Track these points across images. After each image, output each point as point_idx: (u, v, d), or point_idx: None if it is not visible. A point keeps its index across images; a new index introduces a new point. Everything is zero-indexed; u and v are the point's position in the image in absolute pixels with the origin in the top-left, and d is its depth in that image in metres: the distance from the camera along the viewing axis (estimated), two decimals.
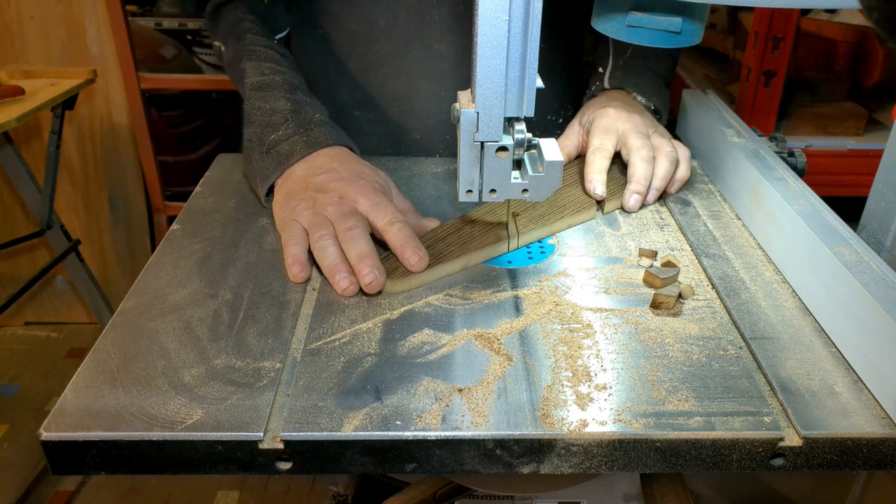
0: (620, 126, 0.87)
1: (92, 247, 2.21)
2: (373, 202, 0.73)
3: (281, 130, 0.80)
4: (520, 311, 0.66)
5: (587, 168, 0.84)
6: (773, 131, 1.71)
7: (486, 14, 0.55)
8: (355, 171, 0.77)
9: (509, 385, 0.57)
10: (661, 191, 0.86)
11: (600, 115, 0.89)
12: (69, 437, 0.51)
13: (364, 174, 0.77)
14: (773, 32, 1.58)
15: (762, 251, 0.76)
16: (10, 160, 1.80)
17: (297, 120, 0.82)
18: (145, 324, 0.63)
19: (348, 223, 0.70)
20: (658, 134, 0.88)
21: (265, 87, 0.85)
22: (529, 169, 0.63)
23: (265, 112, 0.83)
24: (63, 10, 1.92)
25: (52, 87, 1.63)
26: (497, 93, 0.58)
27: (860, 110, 1.75)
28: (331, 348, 0.61)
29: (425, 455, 0.53)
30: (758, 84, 1.64)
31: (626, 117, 0.87)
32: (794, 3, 0.73)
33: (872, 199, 0.76)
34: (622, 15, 0.71)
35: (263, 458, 0.52)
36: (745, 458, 0.53)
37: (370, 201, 0.73)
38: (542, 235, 0.80)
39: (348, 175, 0.76)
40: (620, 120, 0.87)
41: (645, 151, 0.84)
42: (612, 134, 0.86)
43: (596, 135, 0.87)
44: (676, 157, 0.86)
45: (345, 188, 0.74)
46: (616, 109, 0.88)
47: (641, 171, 0.83)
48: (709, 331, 0.64)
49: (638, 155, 0.84)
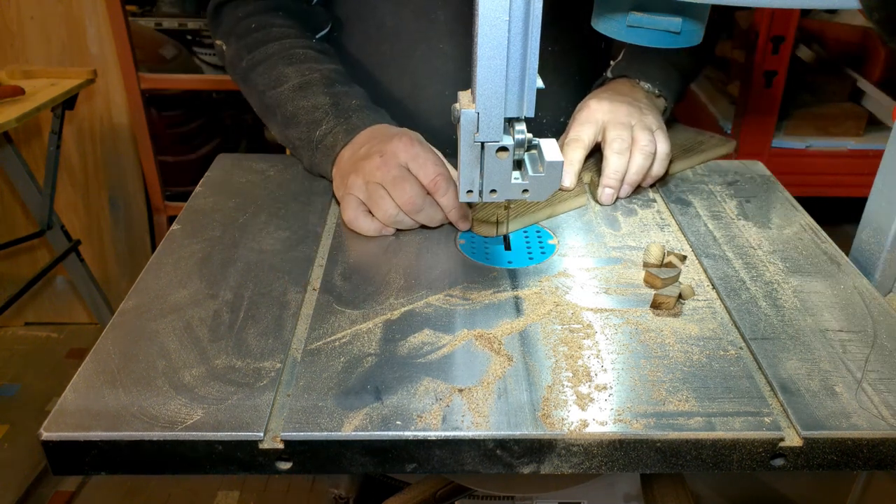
0: (601, 117, 0.87)
1: (92, 247, 2.21)
2: (411, 154, 0.77)
3: (324, 125, 0.86)
4: (520, 312, 0.66)
5: None
6: (773, 131, 1.71)
7: (487, 14, 0.55)
8: (391, 132, 0.81)
9: (510, 385, 0.57)
10: (634, 185, 0.86)
11: (581, 108, 0.90)
12: (69, 438, 0.51)
13: (402, 132, 0.81)
14: (774, 33, 1.58)
15: (762, 251, 0.76)
16: (10, 160, 1.80)
17: (337, 112, 0.86)
18: (146, 324, 0.63)
19: (393, 174, 0.76)
20: (641, 126, 0.86)
21: (307, 87, 0.88)
22: (530, 169, 0.63)
23: (308, 110, 0.87)
24: (63, 10, 1.92)
25: (52, 88, 1.63)
26: (497, 93, 0.58)
27: (860, 111, 1.76)
28: (331, 348, 0.61)
29: (425, 455, 0.53)
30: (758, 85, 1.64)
31: (609, 108, 0.87)
32: (795, 3, 0.73)
33: (873, 199, 0.76)
34: (622, 15, 0.71)
35: (264, 458, 0.52)
36: (745, 459, 0.53)
37: (409, 154, 0.77)
38: (532, 222, 0.82)
39: (386, 138, 0.80)
40: (601, 111, 0.87)
41: (618, 143, 0.84)
42: (591, 125, 0.87)
43: (573, 127, 0.88)
44: (654, 150, 0.85)
45: (383, 147, 0.78)
46: (599, 101, 0.88)
47: (613, 165, 0.84)
48: (709, 331, 0.64)
49: (611, 148, 0.84)
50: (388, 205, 0.76)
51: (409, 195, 0.75)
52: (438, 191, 0.76)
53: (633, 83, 0.94)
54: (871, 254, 0.76)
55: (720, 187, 0.91)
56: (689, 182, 0.92)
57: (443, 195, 0.77)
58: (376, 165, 0.77)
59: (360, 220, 0.78)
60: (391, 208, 0.76)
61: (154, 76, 2.03)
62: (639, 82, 0.94)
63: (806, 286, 0.70)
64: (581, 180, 0.88)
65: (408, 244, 0.77)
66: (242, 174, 0.91)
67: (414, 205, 0.76)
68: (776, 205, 0.87)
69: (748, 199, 0.88)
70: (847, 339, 0.63)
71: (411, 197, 0.75)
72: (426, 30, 0.96)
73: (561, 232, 0.81)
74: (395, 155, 0.77)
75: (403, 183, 0.75)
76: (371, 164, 0.77)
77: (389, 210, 0.76)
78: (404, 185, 0.75)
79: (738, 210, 0.85)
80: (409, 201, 0.75)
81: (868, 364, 0.59)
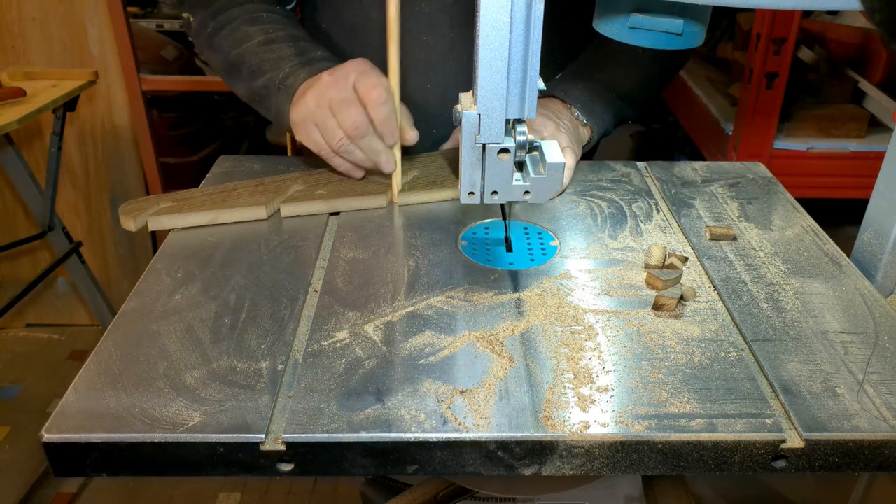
0: None
1: (93, 248, 2.21)
2: (360, 70, 0.79)
3: (287, 69, 0.87)
4: (522, 313, 0.66)
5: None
6: (774, 133, 1.71)
7: (488, 16, 0.55)
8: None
9: (511, 387, 0.57)
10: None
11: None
12: (71, 439, 0.52)
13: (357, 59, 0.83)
14: (775, 34, 1.58)
15: (763, 253, 0.76)
16: (11, 162, 1.80)
17: (301, 59, 0.88)
18: (147, 326, 0.63)
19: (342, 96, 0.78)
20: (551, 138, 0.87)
21: (271, 42, 0.90)
22: (531, 171, 0.63)
23: (273, 61, 0.89)
24: (64, 11, 1.92)
25: (53, 89, 1.63)
26: (499, 95, 0.58)
27: (862, 112, 1.75)
28: (332, 350, 0.61)
29: (427, 457, 0.53)
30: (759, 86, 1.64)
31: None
32: (796, 4, 0.73)
33: (874, 200, 0.76)
34: (624, 17, 0.71)
35: (265, 459, 0.52)
36: (747, 460, 0.53)
37: (358, 70, 0.79)
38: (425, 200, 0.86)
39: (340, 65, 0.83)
40: None
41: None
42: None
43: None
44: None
45: (335, 68, 0.81)
46: None
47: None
48: (710, 333, 0.64)
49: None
50: (333, 128, 0.79)
51: (353, 120, 0.78)
52: (375, 102, 0.78)
53: (566, 106, 0.94)
54: (873, 255, 0.76)
55: (722, 189, 0.91)
56: (690, 184, 0.92)
57: (378, 106, 0.78)
58: (326, 84, 0.80)
59: (311, 134, 0.81)
60: (337, 132, 0.79)
61: (155, 78, 2.04)
62: (570, 107, 0.94)
63: (807, 288, 0.70)
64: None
65: (409, 245, 0.77)
66: (243, 176, 0.91)
67: (357, 130, 0.78)
68: (777, 206, 0.87)
69: (750, 201, 0.88)
70: (849, 341, 0.63)
71: (355, 122, 0.78)
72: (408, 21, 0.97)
73: (563, 233, 0.81)
74: (345, 73, 0.79)
75: (350, 107, 0.78)
76: (322, 82, 0.80)
77: (336, 133, 0.79)
78: (350, 109, 0.78)
79: (739, 212, 0.85)
80: (353, 126, 0.78)
81: (870, 366, 0.59)
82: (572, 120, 0.93)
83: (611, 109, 0.97)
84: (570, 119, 0.93)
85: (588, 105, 0.94)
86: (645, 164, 0.98)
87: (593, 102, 0.95)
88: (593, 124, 0.94)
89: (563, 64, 1.04)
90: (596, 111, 0.95)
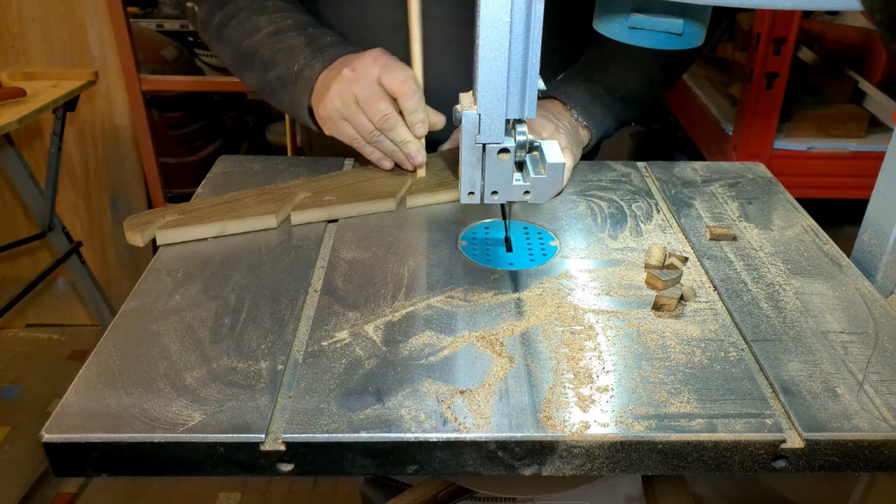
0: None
1: (93, 248, 2.21)
2: (381, 64, 0.80)
3: (301, 60, 0.88)
4: (522, 313, 0.66)
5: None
6: (774, 133, 1.71)
7: (488, 16, 0.55)
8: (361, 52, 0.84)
9: (511, 387, 0.57)
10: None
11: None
12: (71, 439, 0.52)
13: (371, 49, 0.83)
14: (775, 34, 1.58)
15: (763, 253, 0.76)
16: (11, 162, 1.80)
17: (313, 49, 0.89)
18: (147, 326, 0.63)
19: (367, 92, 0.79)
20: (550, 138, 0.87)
21: (280, 32, 0.91)
22: (531, 171, 0.63)
23: (285, 52, 0.90)
24: (64, 11, 1.92)
25: (53, 89, 1.63)
26: (499, 95, 0.58)
27: (862, 112, 1.75)
28: (332, 350, 0.61)
29: (427, 457, 0.53)
30: (759, 86, 1.64)
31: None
32: (796, 4, 0.73)
33: (874, 200, 0.76)
34: (623, 17, 0.71)
35: (265, 459, 0.52)
36: (747, 460, 0.53)
37: (379, 63, 0.80)
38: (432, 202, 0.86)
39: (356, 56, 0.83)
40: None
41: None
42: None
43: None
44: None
45: (354, 62, 0.81)
46: None
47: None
48: (710, 333, 0.64)
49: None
50: (364, 122, 0.81)
51: (382, 113, 0.79)
52: (405, 94, 0.78)
53: (566, 107, 0.94)
54: (873, 255, 0.76)
55: (722, 189, 0.91)
56: (690, 184, 0.92)
57: (408, 99, 0.79)
58: (349, 80, 0.80)
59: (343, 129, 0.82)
60: (367, 125, 0.81)
61: (155, 78, 2.03)
62: (570, 109, 0.94)
63: (807, 288, 0.70)
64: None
65: (409, 246, 0.77)
66: (243, 176, 0.91)
67: (387, 122, 0.80)
68: (777, 206, 0.87)
69: (750, 201, 0.88)
70: (849, 341, 0.63)
71: (385, 115, 0.79)
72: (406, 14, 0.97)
73: (563, 233, 0.81)
74: (366, 68, 0.79)
75: (378, 102, 0.79)
76: (344, 79, 0.80)
77: (367, 126, 0.81)
78: (378, 104, 0.79)
79: (739, 212, 0.85)
80: (383, 119, 0.79)
81: (870, 366, 0.59)
82: (572, 121, 0.93)
83: (612, 112, 0.97)
84: (570, 120, 0.93)
85: (588, 107, 0.94)
86: (645, 164, 0.98)
87: (594, 104, 0.95)
88: (593, 126, 0.94)
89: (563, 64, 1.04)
90: (596, 113, 0.95)
